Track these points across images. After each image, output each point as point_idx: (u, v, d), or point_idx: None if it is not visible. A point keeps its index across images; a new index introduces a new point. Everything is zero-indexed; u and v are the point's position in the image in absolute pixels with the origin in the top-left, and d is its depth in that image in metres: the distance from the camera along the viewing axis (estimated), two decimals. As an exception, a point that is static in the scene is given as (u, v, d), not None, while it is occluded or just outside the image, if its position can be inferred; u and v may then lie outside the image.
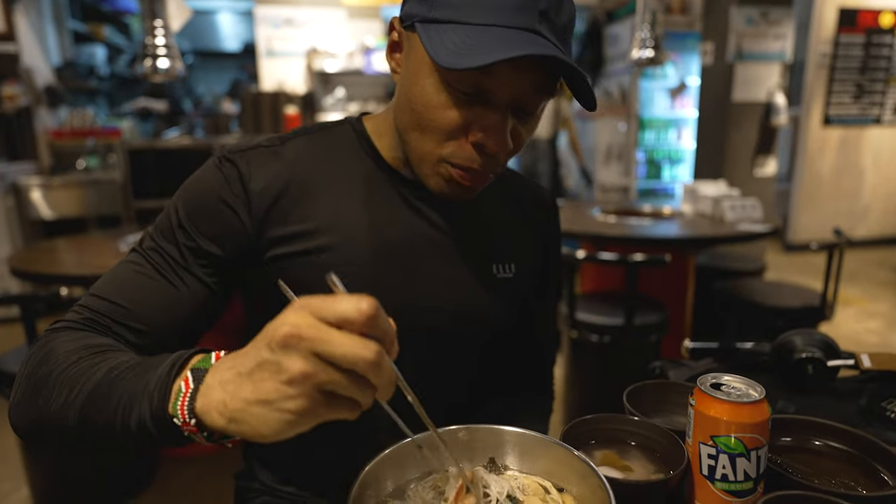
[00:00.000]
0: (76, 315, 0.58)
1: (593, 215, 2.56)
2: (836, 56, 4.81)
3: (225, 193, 0.63)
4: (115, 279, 0.61)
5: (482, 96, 0.56)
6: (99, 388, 0.46)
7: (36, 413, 0.50)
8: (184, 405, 0.41)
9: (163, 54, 1.92)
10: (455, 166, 0.60)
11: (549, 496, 0.53)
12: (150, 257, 0.62)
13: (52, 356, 0.51)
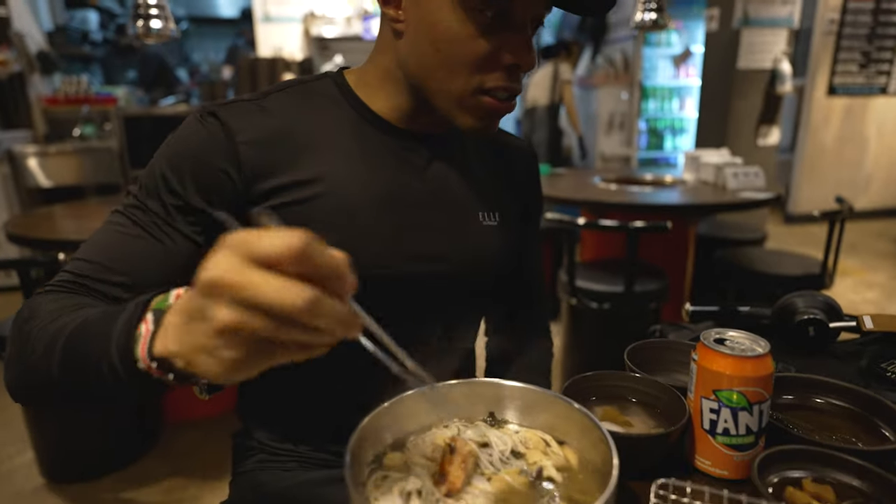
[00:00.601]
0: (62, 278, 0.57)
1: (594, 183, 2.54)
2: (843, 23, 4.70)
3: (210, 148, 0.62)
4: (99, 241, 0.60)
5: (504, 19, 0.58)
6: (73, 336, 0.46)
7: (21, 369, 0.50)
8: (144, 348, 0.40)
9: (155, 14, 1.86)
10: (491, 93, 0.61)
11: (549, 449, 0.52)
12: (135, 216, 0.61)
13: (36, 315, 0.52)
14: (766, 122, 3.73)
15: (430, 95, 0.63)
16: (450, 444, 0.50)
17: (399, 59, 0.64)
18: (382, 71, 0.66)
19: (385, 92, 0.67)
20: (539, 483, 0.48)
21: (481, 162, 0.77)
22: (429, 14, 0.58)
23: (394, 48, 0.64)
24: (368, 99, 0.68)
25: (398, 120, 0.68)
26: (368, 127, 0.67)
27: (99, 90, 3.95)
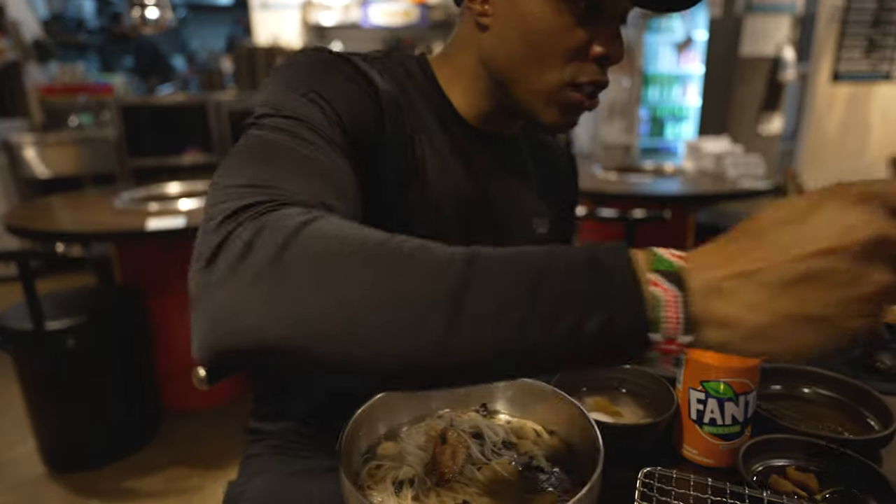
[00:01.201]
0: (304, 201, 0.42)
1: (594, 172, 2.53)
2: (848, 9, 4.65)
3: (360, 82, 0.57)
4: (295, 162, 0.46)
5: (595, 10, 0.58)
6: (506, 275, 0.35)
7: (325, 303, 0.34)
8: (675, 318, 0.33)
9: (151, 3, 1.86)
10: (579, 87, 0.61)
11: (540, 439, 0.54)
12: (306, 137, 0.49)
13: (312, 229, 0.37)
14: (768, 110, 3.71)
15: (514, 90, 0.63)
16: (442, 434, 0.51)
17: (483, 54, 0.63)
18: (461, 67, 0.66)
19: (462, 87, 0.67)
20: (528, 472, 0.49)
21: (533, 165, 0.79)
22: (520, 6, 0.58)
23: (477, 43, 0.63)
24: (452, 95, 0.68)
25: (472, 118, 0.68)
26: (450, 121, 0.67)
27: (96, 78, 3.94)
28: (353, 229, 0.37)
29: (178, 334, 2.02)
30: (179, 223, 1.66)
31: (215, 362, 0.36)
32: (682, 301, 0.33)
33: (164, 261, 1.96)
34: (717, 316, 0.33)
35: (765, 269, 0.32)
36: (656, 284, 0.33)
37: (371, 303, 0.34)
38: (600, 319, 0.33)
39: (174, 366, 1.99)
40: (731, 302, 0.33)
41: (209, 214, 0.40)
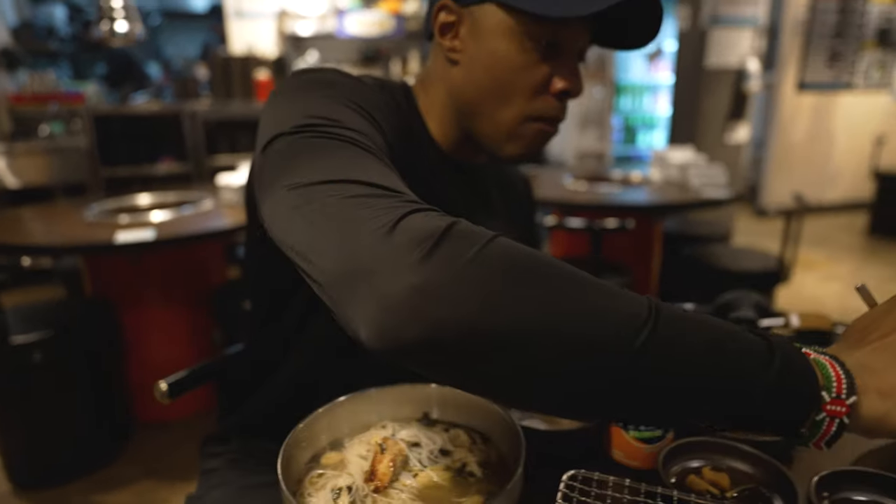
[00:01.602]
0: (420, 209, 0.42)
1: (565, 182, 2.59)
2: (811, 21, 4.83)
3: (373, 107, 0.59)
4: (370, 167, 0.47)
5: (557, 48, 0.62)
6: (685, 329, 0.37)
7: (528, 314, 0.35)
8: (840, 379, 0.37)
9: (121, 16, 1.86)
10: (542, 120, 0.65)
11: (475, 446, 0.57)
12: (368, 146, 0.50)
13: (528, 253, 0.39)
14: (734, 119, 3.83)
15: (479, 123, 0.67)
16: (381, 444, 0.54)
17: (452, 87, 0.67)
18: (434, 98, 0.70)
19: (435, 117, 0.70)
20: (461, 477, 0.53)
21: (497, 192, 0.84)
22: (487, 44, 0.62)
23: (447, 76, 0.67)
24: (429, 122, 0.71)
25: (445, 146, 0.72)
26: (427, 148, 0.71)
27: (68, 87, 3.89)
28: (530, 250, 0.39)
29: (150, 346, 2.02)
30: (149, 236, 1.66)
31: (403, 349, 0.36)
32: (840, 366, 0.37)
33: (135, 273, 1.96)
34: (873, 385, 0.37)
35: (891, 343, 0.39)
36: (811, 354, 0.38)
37: (574, 314, 0.36)
38: (780, 370, 0.36)
39: (146, 378, 1.99)
40: (881, 373, 0.38)
41: (367, 212, 0.40)
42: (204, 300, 2.06)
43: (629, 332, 0.35)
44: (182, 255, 2.03)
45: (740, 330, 0.38)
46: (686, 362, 0.36)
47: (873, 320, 0.43)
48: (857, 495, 0.55)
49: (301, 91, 0.57)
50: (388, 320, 0.35)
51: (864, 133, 5.17)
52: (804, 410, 0.37)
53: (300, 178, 0.44)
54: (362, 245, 0.38)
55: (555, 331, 0.35)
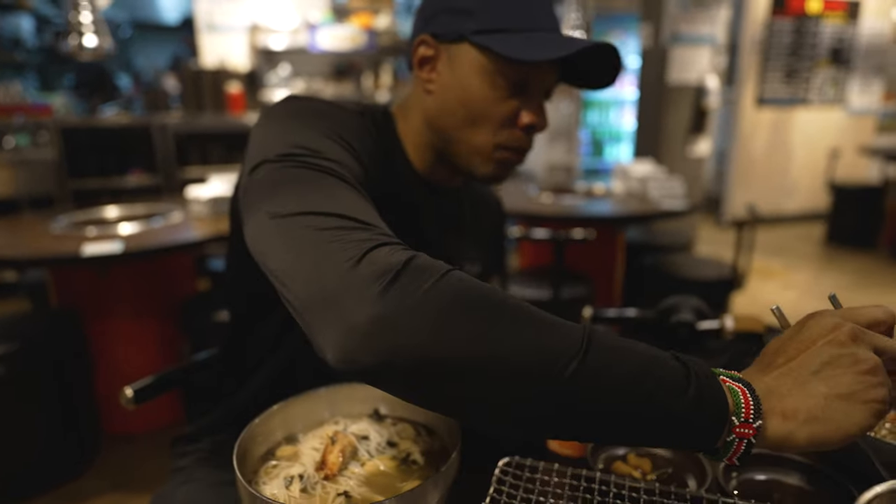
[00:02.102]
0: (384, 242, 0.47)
1: (531, 194, 2.67)
2: (768, 40, 5.06)
3: (354, 137, 0.64)
4: (345, 199, 0.52)
5: (525, 87, 0.68)
6: (614, 356, 0.42)
7: (472, 345, 0.40)
8: (748, 404, 0.41)
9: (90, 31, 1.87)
10: (510, 149, 0.71)
11: (419, 437, 0.62)
12: (345, 177, 0.56)
13: (476, 287, 0.43)
14: (694, 134, 3.98)
15: (453, 147, 0.73)
16: (332, 437, 0.59)
17: (427, 115, 0.73)
18: (412, 124, 0.76)
19: (413, 142, 0.76)
20: (405, 465, 0.58)
21: (471, 213, 0.90)
22: (461, 78, 0.68)
23: (423, 105, 0.73)
24: (405, 145, 0.77)
25: (421, 170, 0.78)
26: (404, 171, 0.76)
27: (34, 98, 3.84)
28: (479, 284, 0.44)
29: (117, 357, 2.01)
30: (117, 248, 1.67)
31: (362, 370, 0.41)
32: (750, 392, 0.42)
33: (103, 285, 1.96)
34: (777, 408, 0.42)
35: (797, 366, 0.43)
36: (727, 382, 0.43)
37: (513, 347, 0.40)
38: (695, 398, 0.40)
39: (113, 390, 1.98)
40: (786, 396, 0.42)
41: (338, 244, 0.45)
42: (172, 312, 2.06)
43: (560, 364, 0.40)
44: (150, 267, 2.03)
45: (664, 358, 0.43)
46: (610, 391, 0.41)
47: (783, 343, 0.46)
48: (760, 475, 0.61)
49: (289, 119, 0.62)
50: (350, 345, 0.40)
51: (820, 146, 5.42)
52: (716, 434, 0.41)
53: (281, 207, 0.50)
54: (331, 276, 0.43)
55: (495, 362, 0.40)
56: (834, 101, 5.41)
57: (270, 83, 4.21)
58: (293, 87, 4.26)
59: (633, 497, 0.53)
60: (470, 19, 0.67)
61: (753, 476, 0.61)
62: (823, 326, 0.44)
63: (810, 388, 0.42)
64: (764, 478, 0.60)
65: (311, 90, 4.28)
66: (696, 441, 0.42)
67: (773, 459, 0.62)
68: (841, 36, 5.25)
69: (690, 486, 0.60)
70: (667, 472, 0.62)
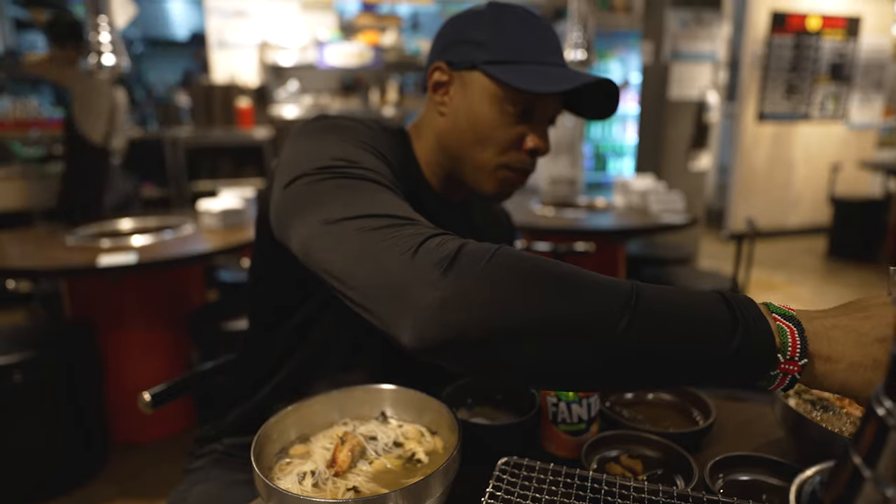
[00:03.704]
0: (437, 232, 0.52)
1: (533, 208, 2.72)
2: (768, 56, 5.13)
3: (382, 147, 0.70)
4: (389, 201, 0.58)
5: (531, 114, 0.75)
6: (658, 302, 0.46)
7: (531, 311, 0.45)
8: (795, 343, 0.45)
9: (108, 51, 1.95)
10: (513, 170, 0.76)
11: (423, 438, 0.66)
12: (383, 182, 0.61)
13: (526, 258, 0.48)
14: (696, 148, 4.03)
15: (461, 165, 0.79)
16: (341, 437, 0.63)
17: (440, 135, 0.79)
18: (426, 142, 0.82)
19: (426, 159, 0.82)
20: (409, 464, 0.62)
21: (483, 225, 0.96)
22: (472, 104, 0.74)
23: (436, 125, 0.79)
24: (420, 163, 0.83)
25: (436, 185, 0.83)
26: (420, 186, 0.82)
27: (49, 113, 3.94)
28: (537, 257, 0.49)
29: (127, 366, 2.06)
30: (131, 259, 1.73)
31: (435, 347, 0.45)
32: (798, 333, 0.46)
33: (115, 295, 2.01)
34: (823, 352, 0.46)
35: (867, 326, 0.46)
36: (778, 320, 0.46)
37: (563, 313, 0.44)
38: (742, 339, 0.44)
39: (124, 399, 2.02)
40: (839, 343, 0.46)
41: (392, 241, 0.50)
42: (182, 322, 2.11)
43: (613, 320, 0.44)
44: (162, 278, 2.08)
45: (712, 302, 0.46)
46: (659, 341, 0.45)
47: (871, 301, 0.49)
48: (745, 476, 0.65)
49: (321, 135, 0.68)
50: (423, 327, 0.45)
51: (822, 160, 5.45)
52: (762, 369, 0.46)
53: (330, 214, 0.55)
54: (393, 268, 0.48)
55: (554, 324, 0.44)
56: (834, 116, 5.46)
57: (279, 98, 4.30)
58: (301, 102, 4.35)
59: (623, 494, 0.57)
60: (483, 51, 0.73)
61: (738, 477, 0.64)
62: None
63: (866, 348, 0.45)
64: (748, 478, 0.64)
65: (318, 105, 4.37)
66: (744, 376, 0.46)
67: (757, 460, 0.65)
68: (841, 52, 5.32)
69: (678, 486, 0.63)
70: (656, 473, 0.66)
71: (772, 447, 0.75)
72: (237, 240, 1.99)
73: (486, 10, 0.75)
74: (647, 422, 0.77)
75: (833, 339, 0.46)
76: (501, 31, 0.73)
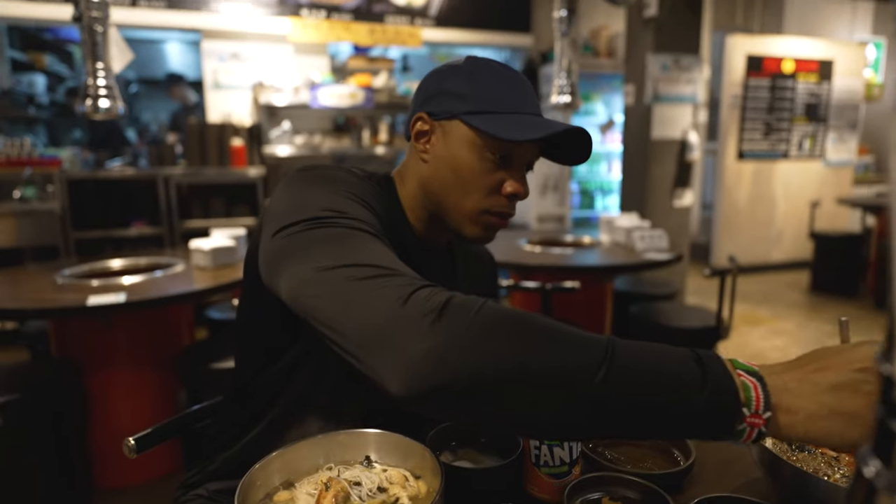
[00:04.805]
0: (421, 284, 0.55)
1: (521, 245, 2.77)
2: (746, 97, 5.32)
3: (368, 196, 0.74)
4: (377, 252, 0.60)
5: (509, 160, 0.78)
6: (630, 357, 0.49)
7: (514, 364, 0.48)
8: (759, 398, 0.48)
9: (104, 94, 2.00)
10: (494, 214, 0.80)
11: (408, 483, 0.67)
12: (370, 231, 0.64)
13: (510, 313, 0.51)
14: (680, 186, 4.14)
15: (444, 210, 0.82)
16: (326, 482, 0.64)
17: (422, 181, 0.83)
18: (409, 189, 0.85)
19: (410, 205, 0.85)
20: (393, 509, 0.62)
21: (464, 268, 0.99)
22: (452, 151, 0.78)
23: (419, 172, 0.83)
24: (404, 209, 0.86)
25: (419, 230, 0.87)
26: (404, 233, 0.85)
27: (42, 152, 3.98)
28: (521, 311, 0.52)
29: (114, 409, 2.03)
30: (121, 299, 1.73)
31: (420, 396, 0.48)
32: (762, 388, 0.49)
33: (103, 335, 2.00)
34: (784, 405, 0.49)
35: (820, 377, 0.50)
36: (742, 376, 0.49)
37: (541, 364, 0.48)
38: (710, 395, 0.47)
39: (109, 441, 1.99)
40: (796, 396, 0.49)
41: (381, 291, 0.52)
42: (170, 362, 2.10)
43: (592, 371, 0.47)
44: (151, 318, 2.08)
45: (682, 357, 0.50)
46: (633, 392, 0.48)
47: (825, 353, 0.52)
48: (722, 517, 0.66)
49: (309, 185, 0.72)
50: (410, 376, 0.48)
51: (801, 197, 5.60)
52: (728, 424, 0.49)
53: (320, 262, 0.57)
54: (382, 318, 0.50)
55: (537, 374, 0.47)
56: (812, 154, 5.63)
57: (273, 137, 4.37)
58: (294, 141, 4.42)
59: (602, 537, 0.58)
60: (462, 102, 0.77)
61: (715, 518, 0.66)
62: (864, 353, 0.50)
63: (821, 397, 0.49)
64: (724, 520, 0.65)
65: (311, 144, 4.44)
66: (712, 431, 0.49)
67: (736, 502, 0.67)
68: (815, 93, 5.53)
69: (658, 528, 0.64)
70: (636, 515, 0.67)
71: (751, 487, 0.76)
72: (228, 278, 2.00)
73: (464, 65, 0.80)
74: (628, 463, 0.78)
75: (791, 392, 0.50)
76: (479, 83, 0.78)
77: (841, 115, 5.66)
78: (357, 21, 4.56)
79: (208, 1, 4.17)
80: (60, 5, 3.72)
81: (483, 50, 5.06)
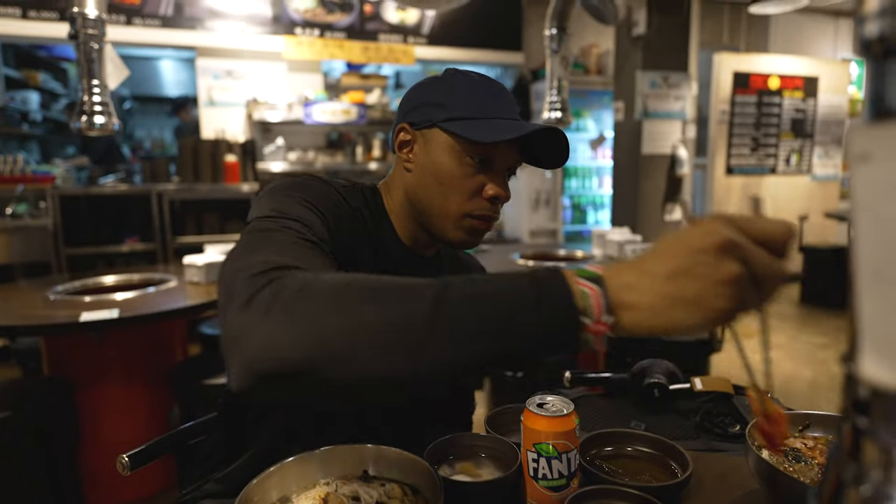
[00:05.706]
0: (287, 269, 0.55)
1: (513, 260, 2.78)
2: (733, 113, 5.42)
3: (341, 204, 0.78)
4: (292, 249, 0.63)
5: (489, 164, 0.80)
6: (463, 296, 0.48)
7: (331, 330, 0.47)
8: (598, 304, 0.47)
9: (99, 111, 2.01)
10: (477, 217, 0.82)
11: (406, 497, 0.67)
12: (304, 235, 0.67)
13: (320, 279, 0.51)
14: (670, 200, 4.18)
15: (429, 216, 0.84)
16: (324, 498, 0.64)
17: (407, 190, 0.85)
18: (396, 198, 0.87)
19: (397, 215, 0.87)
20: (393, 523, 0.62)
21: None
22: (434, 158, 0.81)
23: (404, 181, 0.85)
24: (393, 221, 0.88)
25: (406, 239, 0.88)
26: (391, 243, 0.86)
27: (35, 168, 3.96)
28: (345, 275, 0.52)
29: (107, 426, 2.00)
30: (113, 315, 1.72)
31: (256, 387, 0.48)
32: (601, 293, 0.48)
33: (95, 352, 1.98)
34: (626, 302, 0.48)
35: (658, 267, 0.48)
36: (582, 284, 0.48)
37: (367, 325, 0.47)
38: (544, 311, 0.47)
39: (102, 458, 1.96)
40: (636, 291, 0.47)
41: (236, 276, 0.54)
42: (163, 378, 2.08)
43: (423, 312, 0.47)
44: (144, 334, 2.06)
45: (516, 281, 0.49)
46: (471, 326, 0.47)
47: (663, 242, 0.49)
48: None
49: (278, 191, 0.75)
50: (241, 373, 0.48)
51: (790, 211, 5.67)
52: (571, 337, 0.48)
53: (229, 257, 0.61)
54: (229, 322, 0.51)
55: (365, 329, 0.47)
56: (799, 169, 5.72)
57: (266, 153, 4.38)
58: (288, 157, 4.44)
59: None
60: (441, 111, 0.80)
61: (712, 529, 0.66)
62: (700, 233, 0.47)
63: (660, 288, 0.47)
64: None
65: (304, 160, 4.46)
66: (555, 346, 0.48)
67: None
68: (801, 109, 5.64)
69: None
70: (635, 528, 0.67)
71: (748, 499, 0.77)
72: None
73: (444, 76, 0.84)
74: (626, 475, 0.78)
75: (632, 288, 0.48)
76: (457, 91, 0.81)
77: (827, 130, 5.77)
78: (351, 39, 4.61)
79: (203, 19, 4.21)
80: (55, 23, 3.74)
81: (475, 67, 5.11)
